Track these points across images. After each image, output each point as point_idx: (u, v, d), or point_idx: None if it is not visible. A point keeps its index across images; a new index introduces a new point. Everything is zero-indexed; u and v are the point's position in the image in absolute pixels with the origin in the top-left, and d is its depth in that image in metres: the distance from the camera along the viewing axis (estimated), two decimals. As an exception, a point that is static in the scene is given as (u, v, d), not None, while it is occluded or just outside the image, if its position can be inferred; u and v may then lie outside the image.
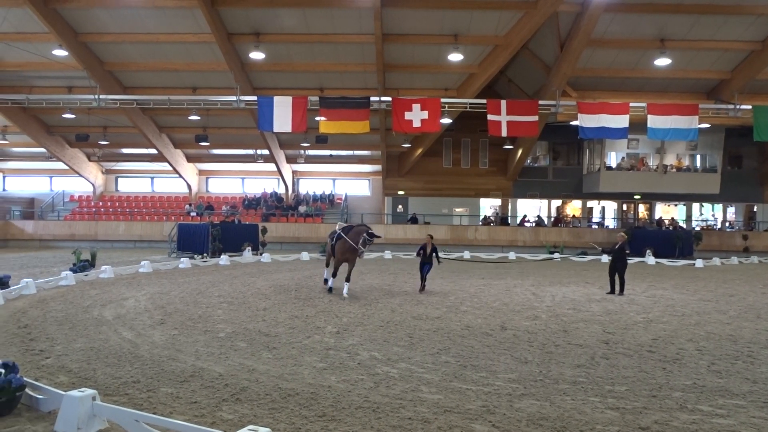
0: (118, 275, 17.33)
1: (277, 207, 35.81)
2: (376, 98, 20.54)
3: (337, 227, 14.78)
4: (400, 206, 37.39)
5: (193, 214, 34.30)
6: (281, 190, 38.13)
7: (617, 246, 15.32)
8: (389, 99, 20.21)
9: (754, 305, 13.70)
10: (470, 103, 21.26)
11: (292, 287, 15.37)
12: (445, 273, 19.95)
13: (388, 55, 25.08)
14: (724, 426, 5.60)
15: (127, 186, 39.14)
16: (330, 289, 14.41)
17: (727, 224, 38.11)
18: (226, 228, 25.60)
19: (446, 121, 24.52)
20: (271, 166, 35.89)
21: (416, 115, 19.50)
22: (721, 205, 38.43)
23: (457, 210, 37.05)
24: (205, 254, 23.81)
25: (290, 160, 36.96)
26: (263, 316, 10.90)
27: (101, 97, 21.40)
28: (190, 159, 37.24)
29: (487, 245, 31.90)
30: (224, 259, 22.55)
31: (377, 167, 36.77)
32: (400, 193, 37.04)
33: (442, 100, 20.46)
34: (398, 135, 29.11)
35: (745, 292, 16.30)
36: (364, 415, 5.76)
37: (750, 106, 20.43)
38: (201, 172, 38.98)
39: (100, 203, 36.75)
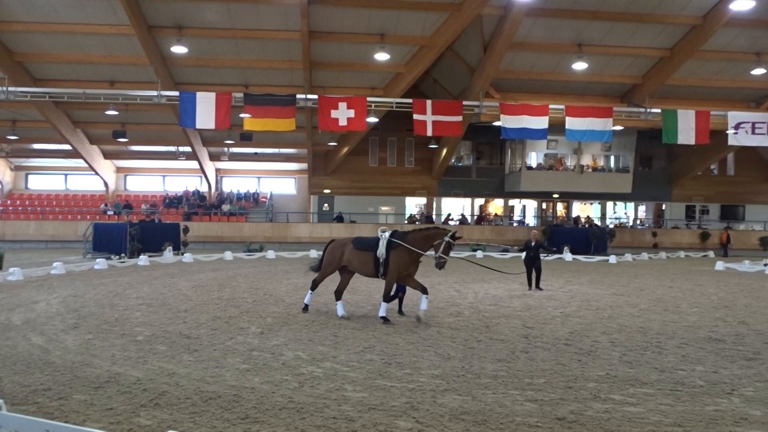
0: (28, 277, 16.41)
1: (200, 206, 34.96)
2: (303, 96, 20.39)
3: (379, 232, 10.99)
4: (326, 205, 37.27)
5: (110, 213, 33.02)
6: (204, 189, 37.25)
7: (533, 243, 15.76)
8: (315, 97, 20.10)
9: (662, 298, 14.49)
10: (396, 103, 21.44)
11: (215, 287, 15.03)
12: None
13: (315, 52, 24.94)
14: (634, 413, 5.88)
15: (39, 183, 37.24)
16: (306, 308, 11.58)
17: (638, 222, 40.15)
18: (146, 227, 24.88)
19: (372, 120, 24.59)
20: (194, 164, 35.01)
21: (342, 114, 19.48)
22: (632, 203, 40.44)
23: (383, 209, 37.30)
24: (122, 254, 22.94)
25: (213, 157, 36.15)
26: (184, 318, 10.60)
27: (10, 89, 20.20)
28: (108, 156, 35.79)
29: (413, 243, 32.18)
30: (143, 259, 21.79)
31: (303, 165, 36.54)
32: (326, 191, 36.93)
33: (369, 99, 20.54)
34: (324, 133, 29.03)
35: (654, 286, 17.23)
36: (288, 415, 5.70)
37: (659, 110, 21.58)
38: (119, 170, 37.55)
39: (9, 201, 34.74)
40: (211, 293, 13.97)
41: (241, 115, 20.00)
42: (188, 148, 33.17)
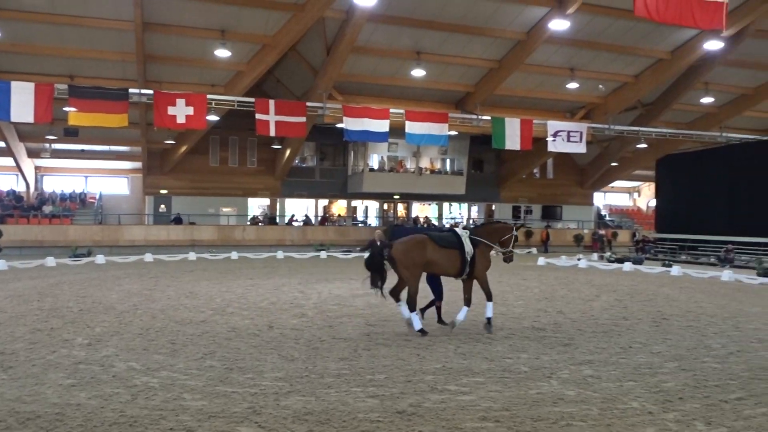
0: None
1: (16, 207, 31.59)
2: (136, 90, 19.26)
3: (459, 229, 10.51)
4: (162, 206, 35.43)
5: None
6: (21, 188, 33.76)
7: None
8: (151, 92, 19.05)
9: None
10: (238, 101, 20.96)
11: (35, 297, 13.66)
12: (212, 274, 19.41)
13: (150, 45, 23.62)
14: (467, 402, 6.26)
15: None
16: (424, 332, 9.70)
17: (472, 221, 42.73)
18: (-51, 231, 21.97)
19: (213, 118, 23.88)
20: (9, 161, 31.63)
21: (180, 111, 18.65)
22: (466, 204, 43.01)
23: (225, 210, 36.28)
24: None
25: (32, 154, 32.89)
26: (-3, 332, 9.53)
27: None
28: None
29: (256, 245, 31.71)
30: (-54, 267, 19.29)
31: (137, 164, 34.46)
32: (163, 192, 35.11)
33: (209, 96, 19.89)
34: (161, 131, 27.56)
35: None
36: (120, 431, 5.34)
37: (489, 117, 23.17)
38: None
39: None
40: (30, 303, 12.67)
41: (66, 109, 18.39)
42: (1, 143, 29.87)
